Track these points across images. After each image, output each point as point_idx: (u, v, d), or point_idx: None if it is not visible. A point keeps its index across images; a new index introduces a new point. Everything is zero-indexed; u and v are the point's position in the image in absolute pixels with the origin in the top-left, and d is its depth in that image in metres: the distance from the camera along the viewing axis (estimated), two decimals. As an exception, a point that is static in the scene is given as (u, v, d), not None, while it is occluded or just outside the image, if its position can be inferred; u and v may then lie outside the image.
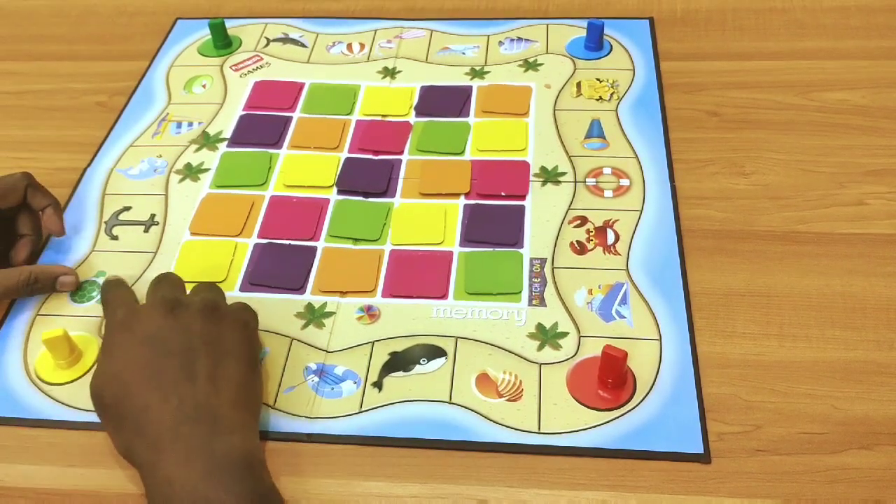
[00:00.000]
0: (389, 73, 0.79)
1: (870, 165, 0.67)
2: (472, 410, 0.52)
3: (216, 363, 0.46)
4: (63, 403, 0.55)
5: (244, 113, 0.76)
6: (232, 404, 0.45)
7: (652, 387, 0.53)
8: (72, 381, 0.56)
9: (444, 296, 0.59)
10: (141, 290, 0.56)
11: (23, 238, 0.63)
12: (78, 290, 0.62)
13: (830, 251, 0.60)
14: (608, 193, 0.66)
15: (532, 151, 0.70)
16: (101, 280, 0.62)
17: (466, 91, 0.76)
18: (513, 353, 0.55)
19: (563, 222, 0.64)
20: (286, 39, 0.85)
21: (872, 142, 0.69)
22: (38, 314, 0.60)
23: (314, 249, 0.63)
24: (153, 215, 0.67)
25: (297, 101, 0.77)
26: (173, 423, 0.43)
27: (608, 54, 0.80)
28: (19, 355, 0.58)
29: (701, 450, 0.49)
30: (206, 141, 0.73)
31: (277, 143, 0.72)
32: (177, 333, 0.46)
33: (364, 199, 0.67)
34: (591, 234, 0.63)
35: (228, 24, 0.84)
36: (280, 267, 0.62)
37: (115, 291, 0.53)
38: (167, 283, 0.52)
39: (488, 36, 0.83)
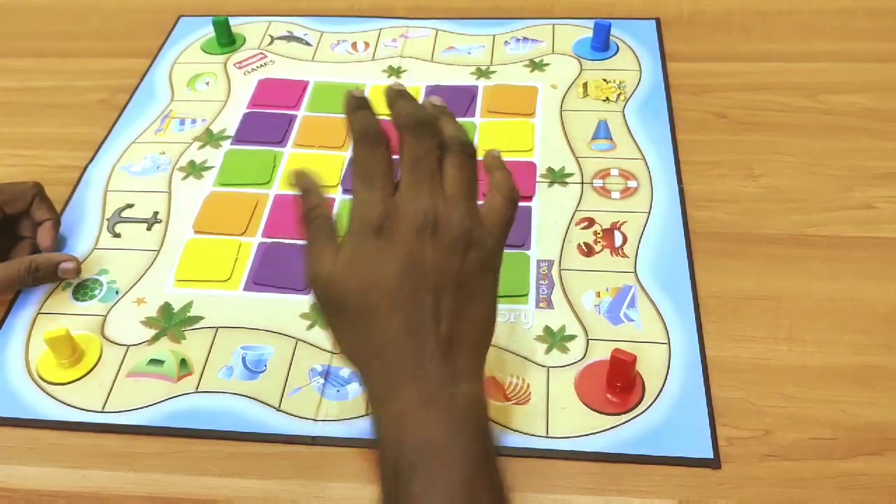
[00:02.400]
0: (394, 72, 0.79)
1: (878, 169, 0.66)
2: (480, 413, 0.52)
3: (463, 305, 0.42)
4: (65, 403, 0.54)
5: (248, 111, 0.75)
6: (471, 346, 0.43)
7: (661, 391, 0.52)
8: (74, 381, 0.55)
9: (450, 297, 0.58)
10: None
11: (24, 240, 0.63)
12: (80, 289, 0.61)
13: (839, 255, 0.60)
14: (615, 195, 0.65)
15: (538, 152, 0.69)
16: (103, 278, 0.61)
17: (472, 91, 0.76)
18: (520, 356, 0.55)
19: (570, 224, 0.63)
20: (290, 37, 0.84)
21: (881, 145, 0.68)
22: (39, 312, 0.60)
23: (319, 249, 0.62)
24: (156, 213, 0.66)
25: (302, 99, 0.76)
26: (416, 361, 0.41)
27: (615, 55, 0.79)
28: (21, 354, 0.57)
29: (711, 455, 0.49)
30: (210, 138, 0.73)
31: (282, 142, 0.72)
32: (435, 267, 0.42)
33: (369, 198, 0.66)
34: (599, 236, 0.62)
35: (232, 21, 0.84)
36: (285, 267, 0.61)
37: (372, 151, 0.44)
38: (426, 172, 0.44)
39: (494, 36, 0.82)
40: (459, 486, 0.38)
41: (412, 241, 0.42)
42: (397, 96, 0.46)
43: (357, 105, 0.45)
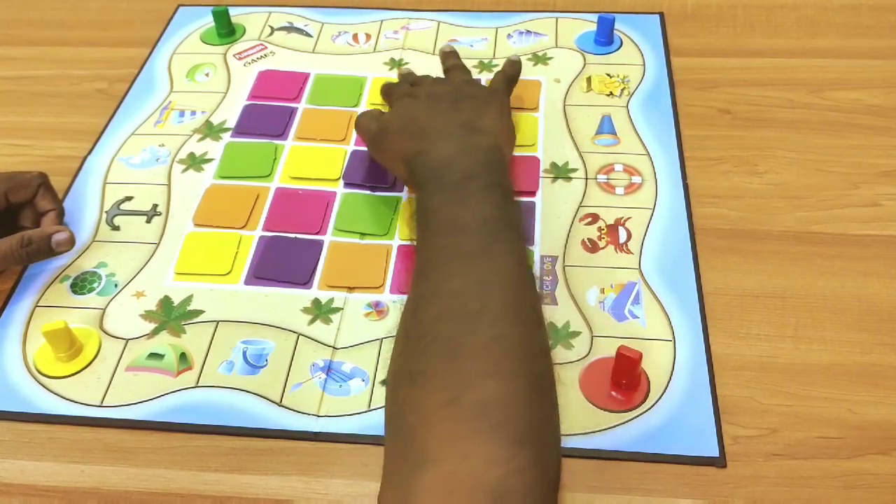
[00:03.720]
0: (396, 64, 0.78)
1: (884, 166, 0.66)
2: (483, 410, 0.51)
3: (477, 104, 0.61)
4: (63, 397, 0.53)
5: (248, 103, 0.75)
6: (491, 119, 0.60)
7: (666, 389, 0.52)
8: (72, 375, 0.54)
9: (453, 292, 0.58)
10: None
11: (24, 230, 0.61)
12: (78, 282, 0.60)
13: (845, 252, 0.60)
14: (620, 191, 0.65)
15: (542, 147, 0.69)
16: (102, 271, 0.61)
17: (475, 84, 0.75)
18: (524, 352, 0.54)
19: (574, 219, 0.63)
20: (291, 28, 0.84)
21: (886, 142, 0.68)
22: (37, 305, 0.59)
23: (321, 243, 0.62)
24: (156, 205, 0.66)
25: (303, 91, 0.75)
26: (446, 128, 0.58)
27: (618, 49, 0.79)
28: (18, 347, 0.56)
29: (716, 453, 0.49)
30: (210, 130, 0.72)
31: (282, 135, 0.71)
32: (446, 92, 0.62)
33: (371, 192, 0.65)
34: (603, 231, 0.62)
35: (232, 11, 0.83)
36: (286, 260, 0.60)
37: (393, 84, 0.69)
38: (427, 78, 0.68)
39: (496, 28, 0.82)
40: (501, 183, 0.54)
41: (429, 88, 0.64)
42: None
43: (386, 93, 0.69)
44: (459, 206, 0.51)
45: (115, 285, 0.60)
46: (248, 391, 0.53)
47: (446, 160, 0.55)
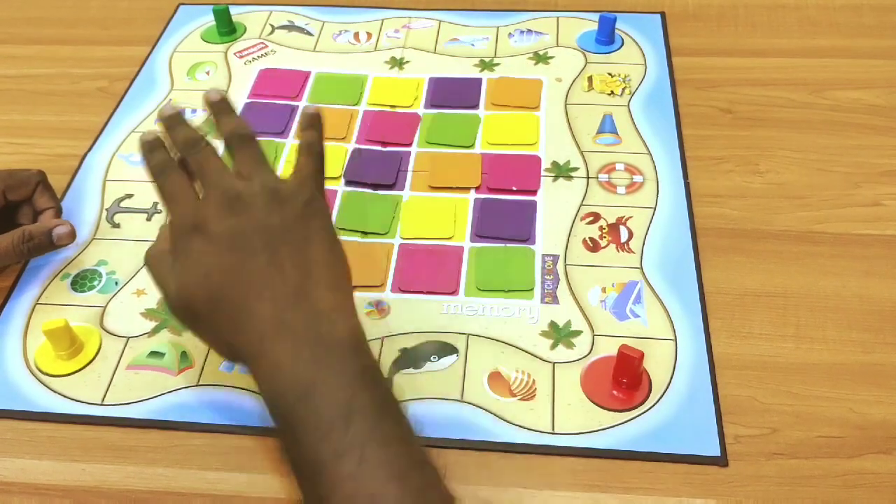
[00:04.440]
0: (397, 63, 0.78)
1: (885, 166, 0.66)
2: (485, 409, 0.51)
3: (298, 249, 0.45)
4: (64, 396, 0.53)
5: (249, 101, 0.74)
6: (326, 285, 0.44)
7: (667, 388, 0.52)
8: (73, 373, 0.54)
9: (454, 292, 0.58)
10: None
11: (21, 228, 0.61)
12: (78, 280, 0.60)
13: (846, 252, 0.60)
14: (621, 190, 0.65)
15: (543, 146, 0.69)
16: (102, 269, 0.61)
17: (476, 83, 0.75)
18: (525, 351, 0.54)
19: (575, 218, 0.62)
20: (291, 27, 0.83)
21: (887, 142, 0.68)
22: (37, 303, 0.59)
23: (322, 242, 0.61)
24: (156, 203, 0.65)
25: (304, 89, 0.75)
26: (274, 314, 0.42)
27: (619, 48, 0.79)
28: (19, 345, 0.56)
29: (718, 452, 0.49)
30: (211, 128, 0.71)
31: (284, 133, 0.71)
32: (252, 231, 0.45)
33: (372, 191, 0.65)
34: (604, 230, 0.62)
35: (232, 10, 0.83)
36: (287, 259, 0.60)
37: (168, 178, 0.48)
38: (213, 169, 0.47)
39: (497, 27, 0.82)
40: (341, 406, 0.39)
41: (222, 219, 0.45)
42: (171, 122, 0.50)
43: (150, 147, 0.49)
44: (355, 466, 0.38)
45: (116, 283, 0.60)
46: (249, 390, 0.53)
47: (300, 386, 0.40)
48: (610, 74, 0.75)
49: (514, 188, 0.65)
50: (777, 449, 0.49)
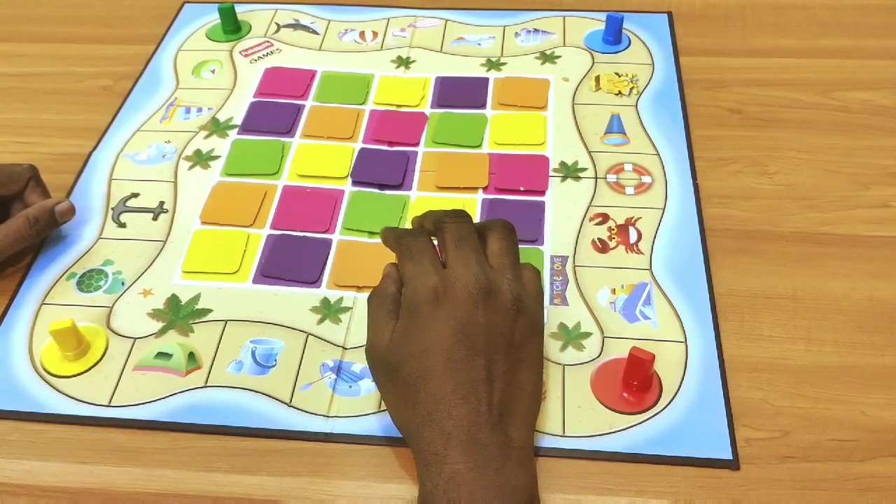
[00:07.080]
0: (403, 62, 0.77)
1: (894, 167, 0.66)
2: (495, 411, 0.51)
3: (514, 369, 0.45)
4: (70, 397, 0.53)
5: (255, 100, 0.74)
6: (523, 419, 0.45)
7: (678, 390, 0.52)
8: (79, 374, 0.54)
9: (463, 292, 0.57)
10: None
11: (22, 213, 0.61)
12: (84, 280, 0.60)
13: (855, 254, 0.59)
14: (630, 191, 0.64)
15: (551, 146, 0.68)
16: (108, 269, 0.60)
17: (483, 83, 0.75)
18: (535, 352, 0.54)
19: (584, 219, 0.62)
20: (297, 25, 0.83)
21: (895, 143, 0.68)
22: (43, 303, 0.58)
23: (329, 242, 0.61)
24: (162, 202, 0.65)
25: (310, 88, 0.75)
26: (470, 426, 0.42)
27: (627, 48, 0.78)
28: (25, 346, 0.56)
29: (730, 456, 0.48)
30: (216, 127, 0.71)
31: (290, 132, 0.70)
32: (487, 330, 0.44)
33: (379, 191, 0.65)
34: (613, 231, 0.61)
35: (237, 8, 0.82)
36: (294, 259, 0.60)
37: (416, 237, 0.49)
38: (470, 248, 0.47)
39: (504, 27, 0.81)
40: None
41: (466, 305, 0.44)
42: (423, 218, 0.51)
43: (396, 237, 0.50)
44: None
45: (122, 283, 0.59)
46: (257, 391, 0.53)
47: None
48: (617, 74, 0.75)
49: (522, 188, 0.64)
50: (789, 452, 0.49)
